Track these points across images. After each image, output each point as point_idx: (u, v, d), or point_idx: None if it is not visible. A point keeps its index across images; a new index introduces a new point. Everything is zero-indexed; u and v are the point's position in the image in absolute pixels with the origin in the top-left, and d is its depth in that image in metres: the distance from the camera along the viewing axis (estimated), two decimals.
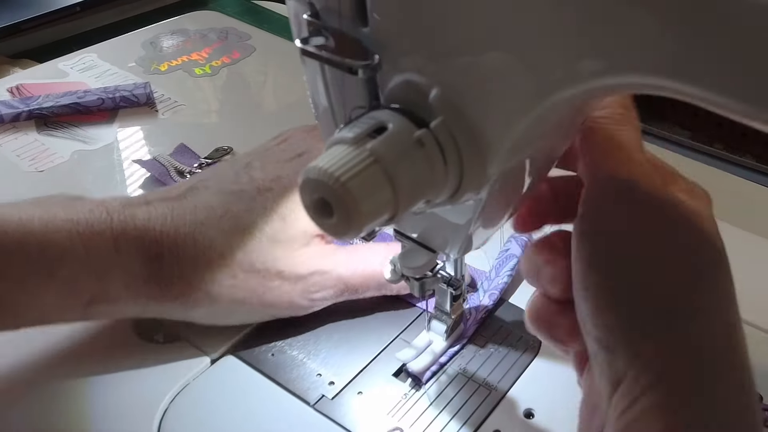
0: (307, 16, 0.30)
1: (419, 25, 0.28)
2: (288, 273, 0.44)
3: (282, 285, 0.44)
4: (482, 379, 0.45)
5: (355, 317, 0.49)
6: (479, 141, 0.28)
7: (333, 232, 0.28)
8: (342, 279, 0.46)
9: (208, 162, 0.62)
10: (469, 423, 0.42)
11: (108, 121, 0.69)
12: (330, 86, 0.33)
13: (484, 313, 0.48)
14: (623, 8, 0.23)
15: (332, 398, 0.44)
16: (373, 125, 0.28)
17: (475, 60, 0.27)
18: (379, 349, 0.47)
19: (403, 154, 0.27)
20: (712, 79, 0.22)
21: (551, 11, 0.25)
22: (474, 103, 0.28)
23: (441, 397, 0.44)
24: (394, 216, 0.28)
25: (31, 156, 0.64)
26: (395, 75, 0.29)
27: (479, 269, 0.51)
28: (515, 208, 0.35)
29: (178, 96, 0.74)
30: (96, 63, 0.79)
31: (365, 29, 0.29)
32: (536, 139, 0.30)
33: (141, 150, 0.66)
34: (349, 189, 0.26)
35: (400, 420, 0.42)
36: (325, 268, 0.45)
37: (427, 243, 0.38)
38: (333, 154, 0.27)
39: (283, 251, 0.44)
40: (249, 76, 0.79)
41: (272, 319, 0.46)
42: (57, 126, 0.68)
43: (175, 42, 0.84)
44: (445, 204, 0.31)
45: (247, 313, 0.45)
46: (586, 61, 0.25)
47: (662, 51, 0.23)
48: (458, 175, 0.29)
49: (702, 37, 0.22)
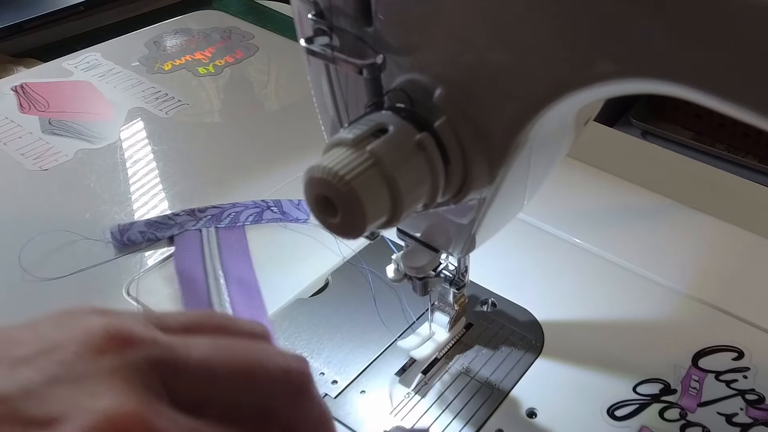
0: (312, 15, 0.30)
1: (424, 24, 0.28)
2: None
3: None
4: (485, 378, 0.45)
5: (357, 316, 0.49)
6: (484, 141, 0.29)
7: (337, 231, 0.28)
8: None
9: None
10: (471, 422, 0.42)
11: (112, 120, 0.69)
12: (334, 85, 0.33)
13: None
14: (631, 12, 0.23)
15: (335, 397, 0.44)
16: (373, 127, 0.28)
17: (483, 60, 0.27)
18: (382, 349, 0.47)
19: (402, 156, 0.27)
20: (721, 83, 0.23)
21: (562, 13, 0.25)
22: (480, 103, 0.28)
23: (444, 396, 0.44)
24: (395, 217, 0.28)
25: (35, 155, 0.65)
26: (399, 74, 0.29)
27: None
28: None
29: (181, 95, 0.74)
30: (100, 62, 0.79)
31: (369, 29, 0.29)
32: (541, 139, 0.30)
33: (144, 149, 0.66)
34: (353, 188, 0.26)
35: (403, 419, 0.43)
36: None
37: (430, 242, 0.39)
38: (335, 155, 0.27)
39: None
40: (252, 75, 0.79)
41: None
42: (61, 124, 0.68)
43: (178, 41, 0.84)
44: (449, 204, 0.31)
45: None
46: (595, 64, 0.25)
47: (670, 55, 0.23)
48: (462, 175, 0.29)
49: (709, 41, 0.22)
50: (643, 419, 0.42)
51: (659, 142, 0.86)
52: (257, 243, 0.55)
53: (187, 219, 0.56)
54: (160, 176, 0.62)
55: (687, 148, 0.88)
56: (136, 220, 0.56)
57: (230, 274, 0.51)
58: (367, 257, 0.53)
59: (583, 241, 0.55)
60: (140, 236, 0.55)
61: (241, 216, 0.57)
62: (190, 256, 0.53)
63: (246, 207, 0.57)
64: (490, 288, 0.51)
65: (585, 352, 0.46)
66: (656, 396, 0.44)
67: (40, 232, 0.55)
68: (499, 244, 0.52)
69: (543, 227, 0.56)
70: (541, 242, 0.55)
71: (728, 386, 0.44)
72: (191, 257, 0.53)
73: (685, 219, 0.58)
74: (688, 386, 0.44)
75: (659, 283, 0.52)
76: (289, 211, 0.57)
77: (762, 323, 0.49)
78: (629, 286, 0.52)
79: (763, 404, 0.43)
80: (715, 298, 0.50)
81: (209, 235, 0.55)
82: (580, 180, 0.61)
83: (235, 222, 0.56)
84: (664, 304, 0.50)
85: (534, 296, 0.50)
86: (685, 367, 0.46)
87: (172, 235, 0.55)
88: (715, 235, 0.56)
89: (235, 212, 0.57)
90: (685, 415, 0.43)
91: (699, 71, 0.23)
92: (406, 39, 0.29)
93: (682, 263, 0.53)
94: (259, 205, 0.58)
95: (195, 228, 0.55)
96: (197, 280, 0.51)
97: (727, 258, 0.54)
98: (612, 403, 0.43)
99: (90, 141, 0.66)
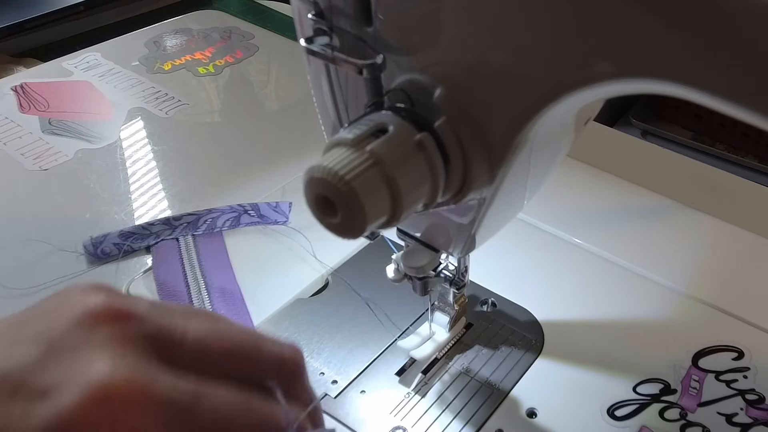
0: (312, 15, 0.30)
1: (424, 24, 0.28)
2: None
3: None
4: (485, 378, 0.45)
5: (357, 316, 0.49)
6: (484, 141, 0.29)
7: (337, 231, 0.28)
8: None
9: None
10: (471, 422, 0.42)
11: (112, 120, 0.69)
12: (334, 85, 0.33)
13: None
14: (631, 12, 0.23)
15: (335, 397, 0.44)
16: (373, 127, 0.28)
17: (483, 60, 0.27)
18: (382, 349, 0.47)
19: (403, 156, 0.27)
20: (721, 83, 0.23)
21: (562, 13, 0.25)
22: (480, 103, 0.28)
23: (443, 396, 0.44)
24: (395, 217, 0.28)
25: (35, 154, 0.65)
26: (399, 74, 0.29)
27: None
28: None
29: (181, 95, 0.74)
30: (100, 62, 0.79)
31: (369, 29, 0.29)
32: (541, 139, 0.30)
33: (144, 149, 0.66)
34: (353, 188, 0.26)
35: (403, 419, 0.43)
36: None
37: (430, 242, 0.39)
38: (335, 155, 0.27)
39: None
40: (252, 75, 0.79)
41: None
42: (61, 124, 0.68)
43: (178, 41, 0.84)
44: (449, 203, 0.31)
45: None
46: (595, 64, 0.25)
47: (670, 55, 0.23)
48: (462, 175, 0.29)
49: (709, 41, 0.22)
50: (643, 419, 0.42)
51: (659, 142, 0.86)
52: (236, 248, 0.54)
53: (163, 228, 0.55)
54: (160, 176, 0.62)
55: (687, 148, 0.88)
56: (109, 232, 0.55)
57: (212, 283, 0.51)
58: (367, 257, 0.53)
59: (583, 241, 0.55)
60: (115, 248, 0.54)
61: (218, 221, 0.56)
62: (170, 266, 0.52)
63: (222, 212, 0.57)
64: (490, 288, 0.51)
65: (585, 352, 0.46)
66: (656, 396, 0.44)
67: (15, 240, 0.54)
68: (499, 244, 0.52)
69: (543, 227, 0.56)
70: (541, 242, 0.55)
71: (728, 386, 0.44)
72: (171, 267, 0.52)
73: (685, 219, 0.58)
74: (688, 386, 0.44)
75: (659, 283, 0.52)
76: (267, 214, 0.57)
77: (762, 323, 0.49)
78: (629, 286, 0.52)
79: (763, 404, 0.43)
80: (715, 298, 0.50)
81: (186, 243, 0.54)
82: (580, 180, 0.61)
83: (212, 228, 0.55)
84: (664, 304, 0.50)
85: (534, 296, 0.50)
86: (685, 367, 0.46)
87: (149, 245, 0.54)
88: (715, 235, 0.56)
89: (212, 218, 0.56)
90: (685, 415, 0.43)
91: (699, 71, 0.23)
92: (406, 39, 0.29)
93: (682, 263, 0.53)
94: (236, 210, 0.57)
95: (171, 237, 0.55)
96: (179, 290, 0.50)
97: (727, 258, 0.54)
98: (612, 403, 0.43)
99: (90, 141, 0.66)
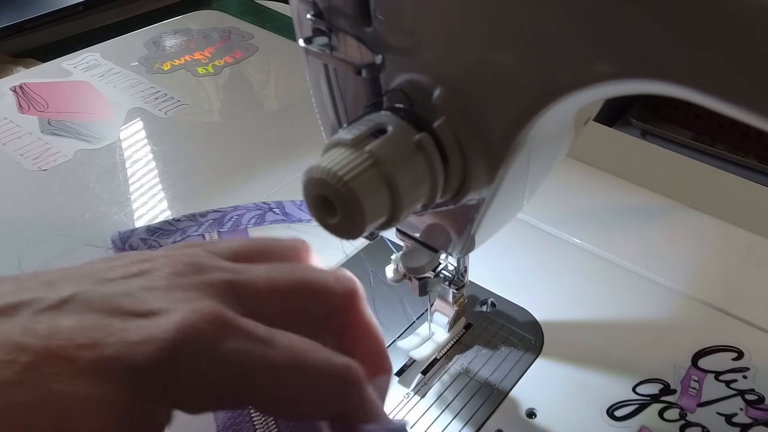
0: (311, 15, 0.30)
1: (423, 24, 0.28)
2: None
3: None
4: (484, 379, 0.45)
5: None
6: (483, 141, 0.29)
7: (336, 232, 0.28)
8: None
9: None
10: (471, 423, 0.42)
11: (111, 120, 0.69)
12: (333, 86, 0.33)
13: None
14: (631, 12, 0.23)
15: None
16: (372, 127, 0.28)
17: (482, 60, 0.27)
18: None
19: (402, 157, 0.27)
20: (721, 83, 0.22)
21: (561, 13, 0.25)
22: (479, 103, 0.28)
23: (443, 396, 0.44)
24: (394, 218, 0.28)
25: (34, 155, 0.65)
26: (398, 75, 0.29)
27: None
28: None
29: (180, 95, 0.74)
30: (99, 62, 0.79)
31: (368, 29, 0.29)
32: (541, 139, 0.30)
33: (144, 149, 0.66)
34: (352, 189, 0.26)
35: (403, 419, 0.42)
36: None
37: (429, 243, 0.39)
38: (334, 155, 0.27)
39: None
40: (251, 75, 0.79)
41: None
42: (60, 125, 0.68)
43: (177, 41, 0.84)
44: (448, 204, 0.31)
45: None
46: (595, 64, 0.25)
47: (670, 55, 0.23)
48: (461, 175, 0.29)
49: (709, 41, 0.22)
50: (643, 419, 0.42)
51: (659, 142, 0.86)
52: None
53: (189, 224, 0.56)
54: (159, 176, 0.62)
55: (687, 148, 0.88)
56: (137, 227, 0.56)
57: None
58: (368, 257, 0.53)
59: (583, 241, 0.55)
60: (142, 243, 0.54)
61: (243, 219, 0.57)
62: None
63: (248, 210, 0.57)
64: (489, 288, 0.51)
65: (585, 352, 0.46)
66: (656, 396, 0.44)
67: (40, 236, 0.55)
68: (499, 244, 0.52)
69: (543, 227, 0.56)
70: (541, 242, 0.55)
71: (728, 386, 0.44)
72: None
73: (685, 219, 0.58)
74: (687, 386, 0.44)
75: (659, 283, 0.51)
76: (291, 212, 0.57)
77: (762, 323, 0.48)
78: (629, 286, 0.51)
79: (762, 404, 0.43)
80: (715, 298, 0.50)
81: (212, 239, 0.55)
82: (580, 180, 0.61)
83: (237, 225, 0.56)
84: (664, 304, 0.50)
85: (534, 296, 0.50)
86: (684, 367, 0.45)
87: (174, 241, 0.54)
88: (715, 235, 0.56)
89: (237, 215, 0.57)
90: (684, 415, 0.43)
91: (699, 71, 0.23)
92: (405, 39, 0.29)
93: (682, 263, 0.53)
94: (261, 207, 0.58)
95: (197, 234, 0.55)
96: None
97: (727, 258, 0.54)
98: (612, 403, 0.43)
99: (89, 141, 0.66)
